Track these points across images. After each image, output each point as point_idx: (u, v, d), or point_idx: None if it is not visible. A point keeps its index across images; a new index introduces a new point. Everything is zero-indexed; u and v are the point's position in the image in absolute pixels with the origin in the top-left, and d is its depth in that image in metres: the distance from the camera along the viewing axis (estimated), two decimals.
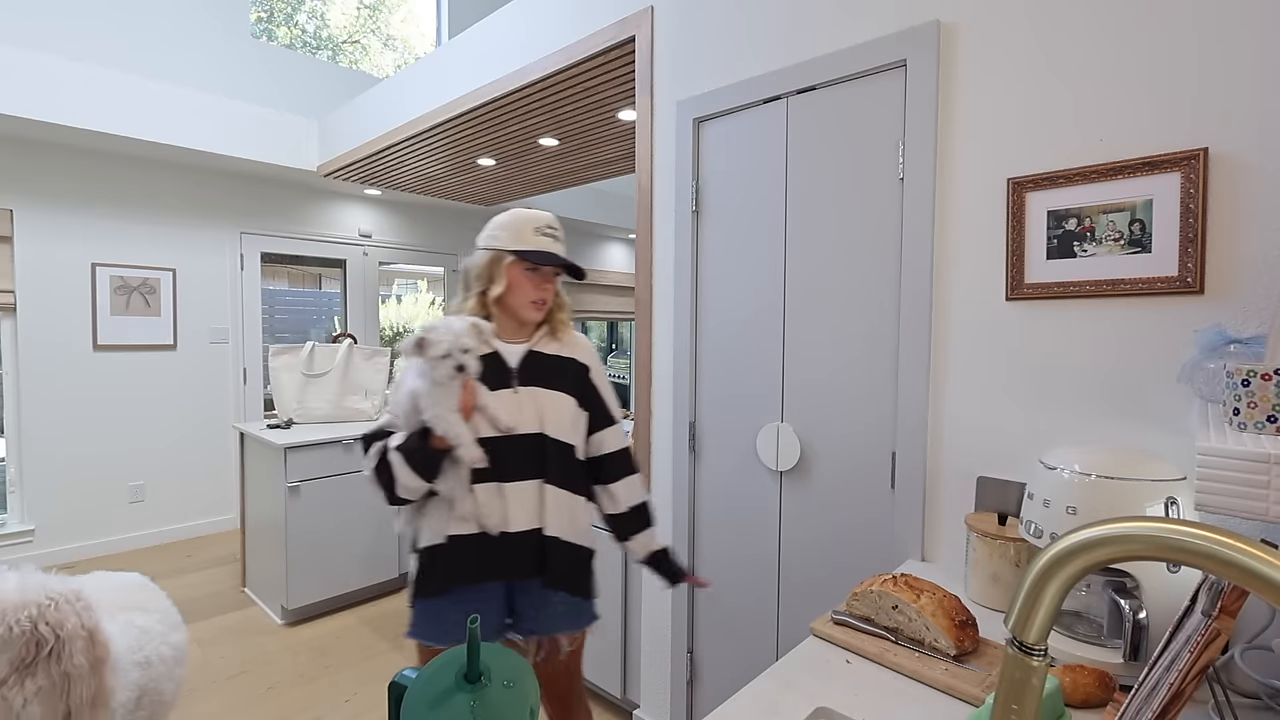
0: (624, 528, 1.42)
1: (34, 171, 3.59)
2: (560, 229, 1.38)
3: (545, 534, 1.30)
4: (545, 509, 1.30)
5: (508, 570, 1.30)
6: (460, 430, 1.20)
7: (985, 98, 1.33)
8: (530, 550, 1.30)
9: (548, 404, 1.32)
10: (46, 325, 3.65)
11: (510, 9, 2.65)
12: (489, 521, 1.27)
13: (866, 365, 1.54)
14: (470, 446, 1.21)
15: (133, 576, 1.01)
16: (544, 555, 1.30)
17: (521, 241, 1.32)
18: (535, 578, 1.31)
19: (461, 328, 1.19)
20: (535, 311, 1.34)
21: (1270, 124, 1.04)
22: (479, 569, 1.28)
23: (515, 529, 1.28)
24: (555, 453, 1.31)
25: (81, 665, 0.77)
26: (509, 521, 1.28)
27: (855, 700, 0.90)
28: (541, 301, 1.34)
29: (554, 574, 1.31)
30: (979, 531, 1.21)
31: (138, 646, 1.00)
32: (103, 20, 3.77)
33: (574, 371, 1.38)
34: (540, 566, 1.30)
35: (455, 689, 0.55)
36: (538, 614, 1.34)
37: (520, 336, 1.37)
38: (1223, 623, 0.57)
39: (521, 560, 1.29)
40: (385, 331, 6.01)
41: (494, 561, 1.28)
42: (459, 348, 1.17)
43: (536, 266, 1.32)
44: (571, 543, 1.34)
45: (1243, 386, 0.80)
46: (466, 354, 1.17)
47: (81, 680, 0.77)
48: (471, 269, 1.36)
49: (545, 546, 1.30)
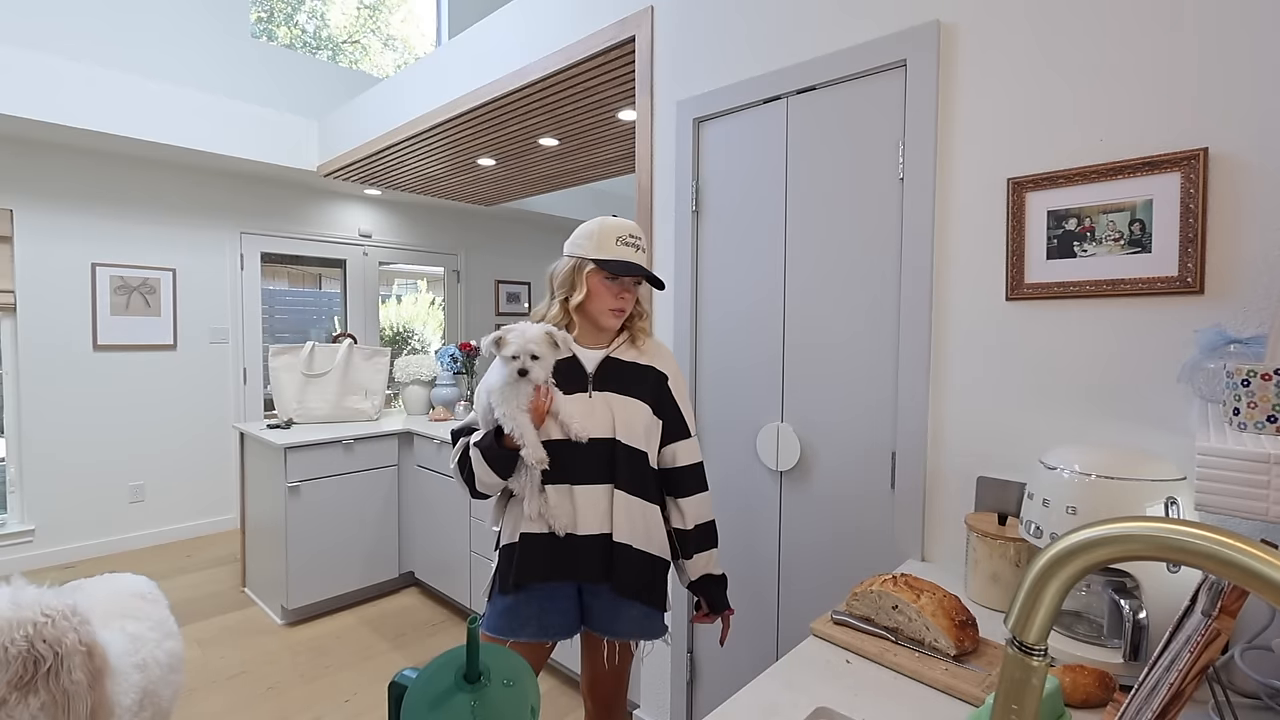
0: (688, 545, 1.39)
1: (34, 171, 3.59)
2: (643, 238, 1.38)
3: (614, 539, 1.29)
4: (615, 514, 1.30)
5: (576, 572, 1.30)
6: (526, 430, 1.24)
7: (985, 98, 1.33)
8: (598, 554, 1.29)
9: (620, 409, 1.31)
10: (46, 325, 3.65)
11: (510, 9, 2.65)
12: (557, 522, 1.29)
13: (866, 365, 1.54)
14: (534, 448, 1.24)
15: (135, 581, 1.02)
16: (611, 561, 1.29)
17: (603, 250, 1.33)
18: (604, 582, 1.31)
19: (535, 334, 1.23)
20: (614, 319, 1.36)
21: (1270, 124, 1.04)
22: (548, 568, 1.30)
23: (584, 532, 1.29)
24: (626, 458, 1.30)
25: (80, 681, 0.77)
26: (578, 524, 1.29)
27: (855, 700, 0.90)
28: (620, 310, 1.35)
29: (622, 580, 1.30)
30: (979, 531, 1.21)
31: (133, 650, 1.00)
32: (103, 20, 3.77)
33: (652, 379, 1.37)
34: (608, 572, 1.30)
35: (455, 689, 0.55)
36: (610, 619, 1.34)
37: (600, 342, 1.38)
38: (1223, 623, 0.57)
39: (590, 563, 1.30)
40: (385, 331, 6.00)
41: (562, 562, 1.29)
42: (527, 352, 1.22)
43: (616, 275, 1.34)
44: (643, 551, 1.32)
45: (1243, 386, 0.80)
46: (536, 360, 1.22)
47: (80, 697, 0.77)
48: (555, 275, 1.40)
49: (613, 552, 1.29)
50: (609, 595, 1.32)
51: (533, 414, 1.26)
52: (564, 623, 1.34)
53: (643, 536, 1.32)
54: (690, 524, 1.38)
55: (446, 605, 3.16)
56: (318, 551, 2.97)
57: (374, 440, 3.15)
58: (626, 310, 1.37)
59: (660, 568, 1.36)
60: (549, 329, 1.25)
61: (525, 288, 6.24)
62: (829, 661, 1.01)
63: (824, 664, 1.00)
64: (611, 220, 1.37)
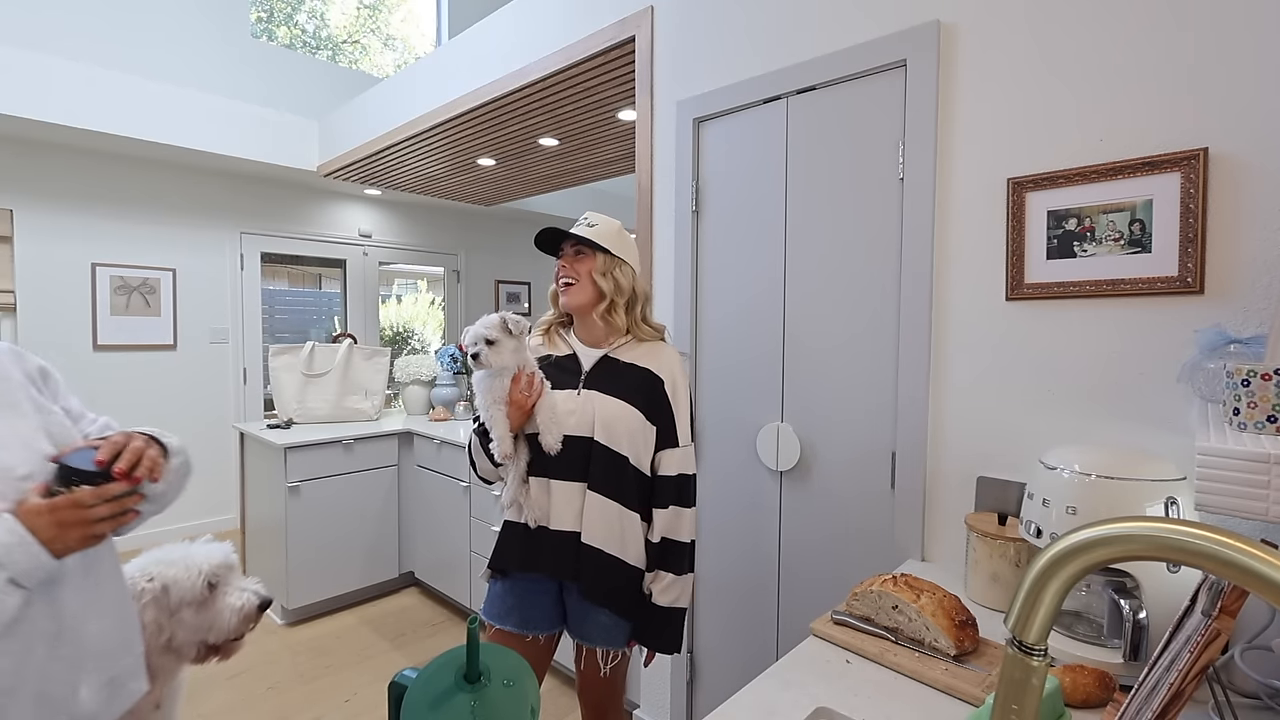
0: (651, 560, 1.33)
1: (34, 171, 3.59)
2: (589, 218, 1.37)
3: (582, 540, 1.28)
4: (585, 515, 1.28)
5: (547, 566, 1.30)
6: (496, 423, 1.26)
7: (985, 97, 1.33)
8: (568, 552, 1.29)
9: (603, 409, 1.29)
10: (46, 325, 3.65)
11: (510, 9, 2.65)
12: (531, 514, 1.31)
13: (866, 365, 1.54)
14: (500, 441, 1.26)
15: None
16: (579, 561, 1.28)
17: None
18: (575, 582, 1.30)
19: (489, 320, 1.26)
20: (567, 297, 1.35)
21: (1270, 124, 1.04)
22: (521, 558, 1.32)
23: (556, 527, 1.29)
24: (602, 459, 1.28)
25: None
26: (551, 518, 1.30)
27: (855, 700, 0.90)
28: (565, 284, 1.35)
29: (589, 584, 1.28)
30: (979, 531, 1.21)
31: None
32: (103, 20, 3.77)
33: (647, 382, 1.33)
34: (577, 572, 1.29)
35: (455, 689, 0.55)
36: (579, 622, 1.34)
37: (600, 340, 1.38)
38: (1223, 623, 0.57)
39: (561, 561, 1.29)
40: (385, 331, 6.00)
41: (535, 554, 1.30)
42: (481, 337, 1.24)
43: (557, 254, 1.38)
44: (615, 557, 1.28)
45: (1243, 386, 0.80)
46: (491, 345, 1.24)
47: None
48: None
49: (580, 553, 1.28)
50: (577, 596, 1.31)
51: (513, 407, 1.26)
52: (542, 618, 1.34)
53: (616, 542, 1.29)
54: (656, 536, 1.32)
55: (446, 605, 3.16)
56: (318, 551, 2.97)
57: (374, 440, 3.15)
58: (575, 281, 1.34)
59: (635, 577, 1.31)
60: (504, 314, 1.27)
61: (525, 288, 6.25)
62: (829, 661, 1.01)
63: (824, 664, 1.00)
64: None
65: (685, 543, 1.32)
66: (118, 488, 0.86)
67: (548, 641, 1.38)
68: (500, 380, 1.26)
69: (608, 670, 1.35)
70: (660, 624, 1.31)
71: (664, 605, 1.30)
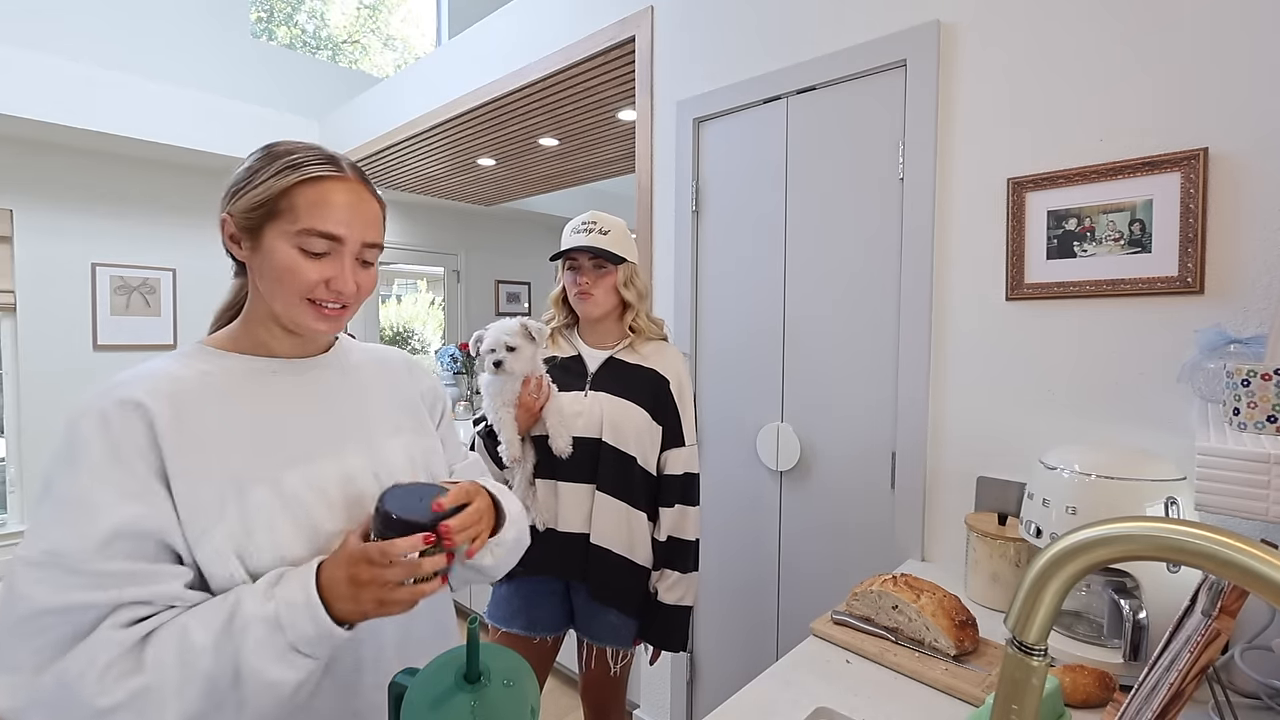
0: (658, 558, 1.35)
1: (34, 171, 3.58)
2: (598, 222, 1.37)
3: (591, 541, 1.29)
4: (595, 515, 1.29)
5: (556, 568, 1.30)
6: (504, 426, 1.26)
7: (985, 98, 1.33)
8: (577, 553, 1.29)
9: (611, 411, 1.30)
10: (46, 325, 3.65)
11: (510, 9, 2.65)
12: (539, 516, 1.30)
13: (866, 365, 1.54)
14: (509, 444, 1.26)
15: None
16: (587, 562, 1.29)
17: (562, 244, 1.36)
18: (584, 582, 1.31)
19: (509, 326, 1.26)
20: (584, 305, 1.36)
21: (1270, 124, 1.04)
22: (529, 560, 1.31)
23: (564, 529, 1.29)
24: (611, 460, 1.29)
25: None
26: (559, 520, 1.30)
27: (855, 700, 0.90)
28: (581, 294, 1.35)
29: (598, 584, 1.29)
30: (979, 531, 1.21)
31: None
32: (103, 20, 3.77)
33: (652, 383, 1.35)
34: (585, 572, 1.29)
35: (455, 689, 0.55)
36: (587, 622, 1.34)
37: (605, 342, 1.39)
38: (1223, 623, 0.57)
39: (569, 562, 1.30)
40: (385, 331, 6.00)
41: (545, 557, 1.29)
42: (501, 344, 1.24)
43: (571, 264, 1.37)
44: (623, 557, 1.30)
45: (1243, 386, 0.80)
46: (512, 352, 1.24)
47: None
48: None
49: (589, 554, 1.28)
50: (586, 597, 1.32)
51: (521, 410, 1.26)
52: (550, 619, 1.34)
53: (624, 542, 1.30)
54: (662, 535, 1.34)
55: None
56: None
57: None
58: (590, 293, 1.34)
59: (643, 576, 1.33)
60: (524, 320, 1.27)
61: (525, 288, 6.24)
62: (829, 661, 1.01)
63: (824, 664, 1.00)
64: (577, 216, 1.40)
65: (690, 541, 1.35)
66: (417, 544, 0.63)
67: (554, 643, 1.39)
68: (510, 383, 1.26)
69: (618, 669, 1.36)
70: (666, 622, 1.33)
71: (670, 603, 1.33)
